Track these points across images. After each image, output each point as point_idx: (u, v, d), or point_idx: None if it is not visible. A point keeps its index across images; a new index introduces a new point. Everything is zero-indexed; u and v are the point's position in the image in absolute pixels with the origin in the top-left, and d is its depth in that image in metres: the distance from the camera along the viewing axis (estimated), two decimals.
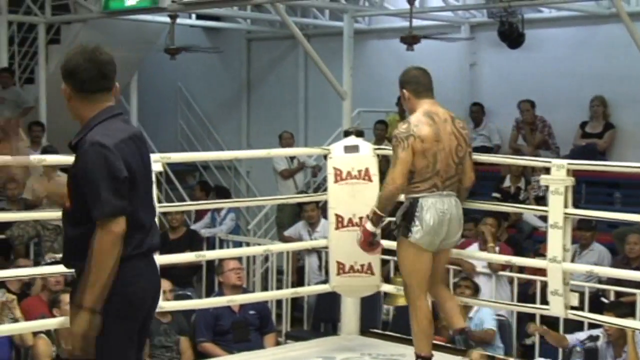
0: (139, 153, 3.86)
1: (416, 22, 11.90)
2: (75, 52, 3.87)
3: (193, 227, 11.24)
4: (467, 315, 7.81)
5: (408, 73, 5.56)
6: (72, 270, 3.96)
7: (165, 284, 7.20)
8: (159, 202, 5.93)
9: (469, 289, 7.89)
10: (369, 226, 5.38)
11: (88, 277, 3.64)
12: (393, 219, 5.48)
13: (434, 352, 5.40)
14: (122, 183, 3.70)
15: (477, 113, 12.57)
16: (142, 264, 3.86)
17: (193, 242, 10.20)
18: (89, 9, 12.49)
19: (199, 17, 14.35)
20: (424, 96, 5.47)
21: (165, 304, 6.14)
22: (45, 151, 10.86)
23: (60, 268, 7.26)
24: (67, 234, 3.87)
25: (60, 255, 8.67)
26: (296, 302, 9.84)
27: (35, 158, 6.16)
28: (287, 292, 8.47)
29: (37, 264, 8.98)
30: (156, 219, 4.15)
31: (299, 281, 10.08)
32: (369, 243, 5.49)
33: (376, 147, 6.43)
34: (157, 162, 5.62)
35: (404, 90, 5.49)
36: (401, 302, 6.36)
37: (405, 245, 5.35)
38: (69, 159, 6.84)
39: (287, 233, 10.73)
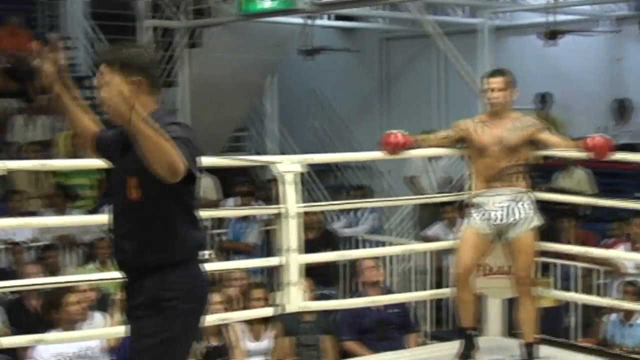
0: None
1: (557, 17, 11.67)
2: (136, 48, 3.75)
3: (334, 226, 11.27)
4: (628, 322, 7.60)
5: None
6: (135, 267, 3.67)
7: (307, 283, 7.23)
8: (304, 202, 5.95)
9: (634, 294, 7.61)
10: None
11: (156, 131, 3.30)
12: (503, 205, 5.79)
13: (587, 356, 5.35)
14: (197, 152, 3.52)
15: (622, 109, 12.21)
16: (200, 264, 3.73)
17: (330, 241, 10.21)
18: (227, 12, 12.68)
19: (334, 17, 14.40)
20: None
21: (311, 304, 6.18)
22: None
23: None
24: (140, 229, 3.60)
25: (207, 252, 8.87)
26: (439, 302, 9.74)
27: None
28: (428, 294, 8.39)
29: None
30: None
31: (440, 281, 9.98)
32: None
33: None
34: (298, 163, 5.65)
35: (515, 90, 5.91)
36: (546, 303, 6.25)
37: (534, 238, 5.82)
38: (214, 161, 6.98)
39: (427, 233, 10.64)
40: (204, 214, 8.33)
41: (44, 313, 7.56)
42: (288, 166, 5.59)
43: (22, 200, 10.12)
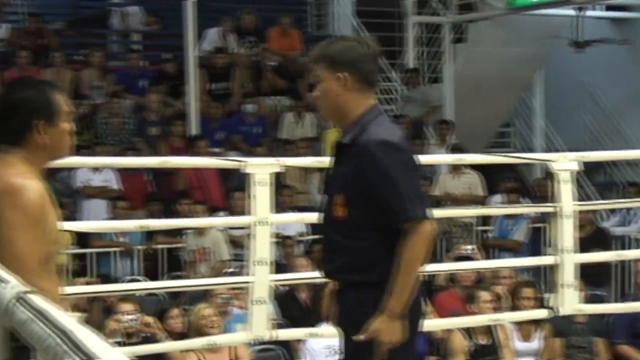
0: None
1: None
2: (348, 42, 3.59)
3: (605, 224, 10.88)
4: None
5: None
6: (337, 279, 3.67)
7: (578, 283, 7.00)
8: (580, 199, 5.77)
9: None
10: None
11: (397, 282, 3.36)
12: None
13: None
14: (420, 181, 3.47)
15: None
16: None
17: (602, 240, 9.84)
18: (494, 6, 12.52)
19: (605, 8, 13.91)
20: None
21: (585, 307, 5.99)
22: (453, 149, 11.05)
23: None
24: (345, 247, 3.52)
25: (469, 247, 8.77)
26: None
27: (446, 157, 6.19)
28: None
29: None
30: None
31: None
32: None
33: None
34: (574, 161, 5.47)
35: None
36: None
37: None
38: (488, 158, 6.89)
39: None
40: (469, 211, 8.34)
41: (314, 305, 7.73)
42: (564, 164, 5.42)
43: (291, 195, 10.40)
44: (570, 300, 5.45)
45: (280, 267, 8.92)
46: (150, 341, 6.08)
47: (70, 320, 1.26)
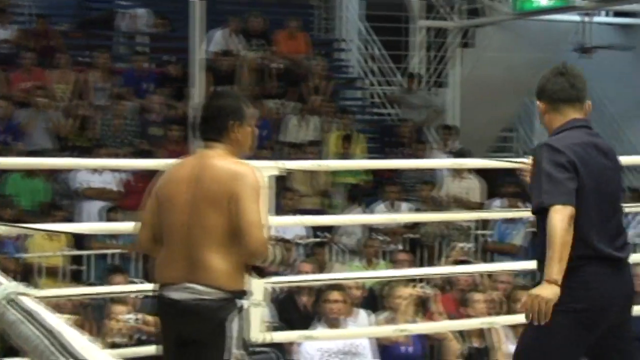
0: (594, 160, 4.01)
1: None
2: (548, 71, 4.19)
3: None
4: None
5: None
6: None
7: None
8: None
9: None
10: None
11: (548, 253, 3.77)
12: None
13: None
14: (565, 171, 3.86)
15: None
16: (599, 268, 3.91)
17: None
18: (501, 11, 12.57)
19: (612, 14, 13.95)
20: None
21: None
22: (455, 153, 11.10)
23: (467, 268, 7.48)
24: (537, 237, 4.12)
25: None
26: None
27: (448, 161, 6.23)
28: None
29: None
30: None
31: None
32: None
33: None
34: None
35: None
36: None
37: None
38: (481, 162, 6.91)
39: None
40: (469, 215, 8.36)
41: (314, 309, 7.75)
42: None
43: (293, 198, 10.42)
44: None
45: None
46: (149, 342, 6.03)
47: (59, 322, 1.33)
